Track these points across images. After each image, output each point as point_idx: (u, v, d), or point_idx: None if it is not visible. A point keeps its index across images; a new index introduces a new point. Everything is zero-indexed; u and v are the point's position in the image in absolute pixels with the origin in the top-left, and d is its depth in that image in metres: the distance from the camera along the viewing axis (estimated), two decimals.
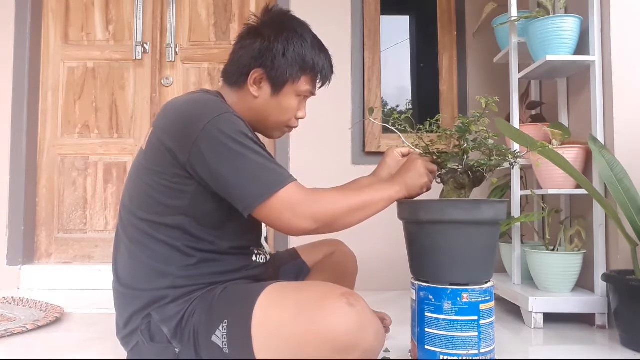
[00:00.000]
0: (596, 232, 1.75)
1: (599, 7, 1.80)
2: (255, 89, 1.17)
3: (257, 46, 1.15)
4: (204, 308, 1.03)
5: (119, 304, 1.12)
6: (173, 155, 1.03)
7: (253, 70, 1.15)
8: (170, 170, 1.04)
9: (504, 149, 1.25)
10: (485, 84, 2.53)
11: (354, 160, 2.50)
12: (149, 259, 1.06)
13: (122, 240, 1.12)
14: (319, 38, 1.23)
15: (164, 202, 1.06)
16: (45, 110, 2.59)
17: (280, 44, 1.14)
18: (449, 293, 1.13)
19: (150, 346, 1.04)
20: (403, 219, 1.27)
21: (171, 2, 2.56)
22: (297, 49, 1.15)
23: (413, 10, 2.92)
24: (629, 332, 1.50)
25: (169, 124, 1.07)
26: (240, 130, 1.03)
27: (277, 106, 1.19)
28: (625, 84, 1.74)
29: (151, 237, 1.06)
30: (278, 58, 1.14)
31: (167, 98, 2.59)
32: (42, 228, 2.55)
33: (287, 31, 1.16)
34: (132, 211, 1.10)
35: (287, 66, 1.15)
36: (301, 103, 1.22)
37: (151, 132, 1.11)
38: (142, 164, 1.10)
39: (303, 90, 1.19)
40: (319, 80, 1.22)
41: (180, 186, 1.05)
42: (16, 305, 2.00)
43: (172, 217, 1.06)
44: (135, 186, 1.11)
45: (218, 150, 1.00)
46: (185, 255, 1.07)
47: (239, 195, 1.01)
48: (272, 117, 1.20)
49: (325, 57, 1.21)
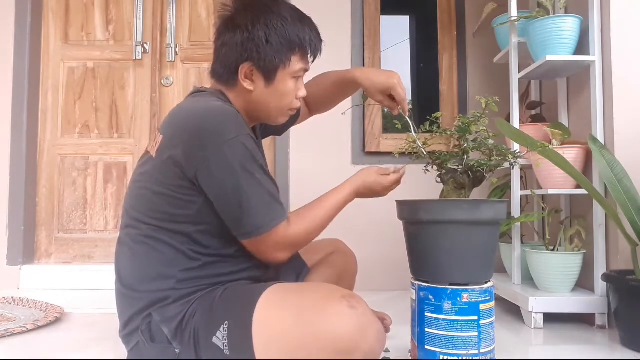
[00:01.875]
0: (596, 232, 1.75)
1: (599, 7, 1.80)
2: (248, 83, 1.13)
3: (238, 39, 1.10)
4: (204, 309, 1.02)
5: (120, 304, 1.11)
6: (180, 167, 1.02)
7: (241, 66, 1.11)
8: (178, 182, 1.03)
9: (504, 149, 1.25)
10: (485, 84, 2.53)
11: (354, 160, 2.50)
12: (153, 260, 1.06)
13: (125, 242, 1.11)
14: (297, 7, 1.17)
15: (171, 211, 1.05)
16: (45, 110, 2.58)
17: (260, 31, 1.09)
18: (449, 293, 1.13)
19: (151, 346, 1.03)
20: (403, 219, 1.27)
21: (171, 2, 2.55)
22: (279, 31, 1.10)
23: (413, 10, 2.92)
24: (629, 332, 1.50)
25: (179, 136, 1.04)
26: (252, 156, 1.03)
27: (275, 93, 1.15)
28: (625, 84, 1.74)
29: (156, 239, 1.06)
30: (262, 46, 1.10)
31: (167, 98, 2.59)
32: (42, 228, 2.55)
33: (263, 14, 1.11)
34: (136, 215, 1.08)
35: (274, 52, 1.10)
36: (298, 82, 1.19)
37: (161, 140, 1.08)
38: (150, 172, 1.08)
39: (296, 70, 1.15)
40: (309, 54, 1.18)
41: (189, 197, 1.04)
42: (16, 305, 2.00)
43: (178, 225, 1.05)
44: (140, 192, 1.09)
45: (225, 174, 1.01)
46: (189, 258, 1.06)
47: (233, 223, 1.05)
48: (272, 105, 1.17)
49: (310, 28, 1.16)
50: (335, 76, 1.43)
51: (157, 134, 1.12)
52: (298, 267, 1.41)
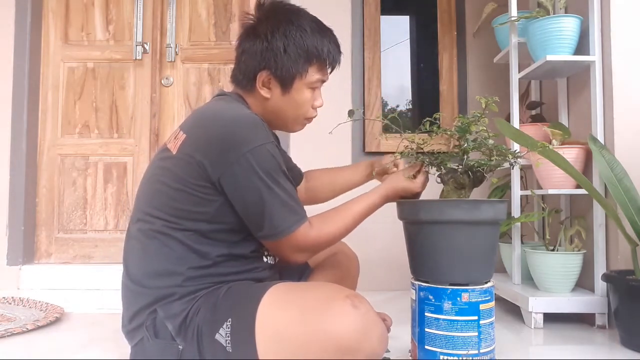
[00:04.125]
0: (596, 232, 1.75)
1: (599, 7, 1.80)
2: (265, 90, 1.17)
3: (258, 48, 1.14)
4: (208, 306, 1.03)
5: (126, 299, 1.11)
6: (204, 169, 1.04)
7: (259, 74, 1.15)
8: (200, 182, 1.04)
9: (504, 149, 1.25)
10: (485, 84, 2.53)
11: (354, 160, 2.50)
12: (163, 257, 1.06)
13: (135, 236, 1.11)
14: (318, 19, 1.19)
15: (189, 208, 1.05)
16: (45, 110, 2.58)
17: (279, 41, 1.13)
18: (449, 293, 1.13)
19: (154, 342, 1.03)
20: (403, 219, 1.27)
21: (171, 2, 2.55)
22: (297, 42, 1.13)
23: (413, 10, 2.92)
24: (629, 332, 1.50)
25: (206, 139, 1.06)
26: (277, 163, 1.06)
27: (291, 102, 1.18)
28: (625, 84, 1.74)
29: (169, 236, 1.06)
30: (280, 56, 1.13)
31: (167, 98, 2.59)
32: (42, 228, 2.55)
33: (283, 25, 1.14)
34: (150, 210, 1.09)
35: (291, 62, 1.13)
36: (315, 92, 1.21)
37: (184, 139, 1.08)
38: (170, 169, 1.08)
39: (313, 80, 1.18)
40: (327, 66, 1.20)
41: (209, 196, 1.05)
42: (16, 305, 2.00)
43: (194, 222, 1.06)
44: (157, 187, 1.09)
45: (251, 180, 1.03)
46: (200, 256, 1.06)
47: (256, 226, 1.07)
48: (288, 113, 1.20)
49: (329, 40, 1.18)
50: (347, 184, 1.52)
51: (178, 131, 1.13)
52: (301, 267, 1.41)
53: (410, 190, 1.26)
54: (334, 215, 1.17)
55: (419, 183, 1.27)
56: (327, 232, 1.14)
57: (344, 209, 1.19)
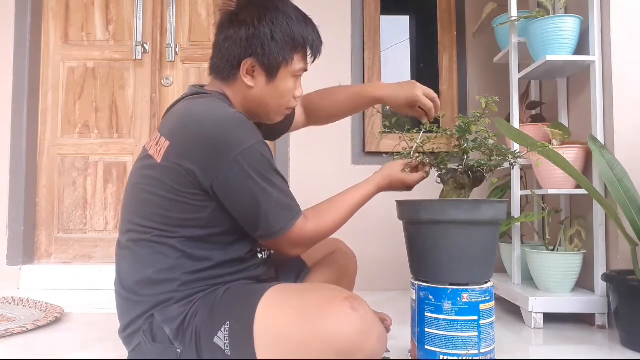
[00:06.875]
0: (596, 232, 1.75)
1: (599, 7, 1.80)
2: (249, 79, 1.13)
3: (243, 34, 1.10)
4: (206, 309, 1.02)
5: (120, 307, 1.10)
6: (194, 177, 1.01)
7: (243, 61, 1.11)
8: (190, 190, 1.02)
9: (504, 149, 1.25)
10: (485, 84, 2.53)
11: (354, 160, 2.50)
12: (156, 265, 1.04)
13: (126, 246, 1.08)
14: (299, 8, 1.18)
15: (181, 216, 1.04)
16: (45, 110, 2.58)
17: (266, 27, 1.10)
18: (449, 293, 1.13)
19: (152, 346, 1.03)
20: (403, 219, 1.27)
21: (171, 2, 2.56)
22: (284, 29, 1.11)
23: (413, 10, 2.92)
24: (629, 332, 1.50)
25: (193, 145, 1.02)
26: (268, 161, 1.05)
27: (275, 92, 1.16)
28: (625, 84, 1.74)
29: (162, 244, 1.04)
30: (267, 43, 1.10)
31: (167, 98, 2.59)
32: (42, 228, 2.55)
33: (269, 11, 1.12)
34: (140, 221, 1.06)
35: (278, 49, 1.11)
36: (296, 82, 1.19)
37: (168, 146, 1.04)
38: (156, 177, 1.05)
39: (297, 69, 1.16)
40: (310, 55, 1.18)
41: (201, 203, 1.03)
42: (16, 305, 2.00)
43: (187, 229, 1.04)
44: (144, 196, 1.06)
45: (244, 183, 1.01)
46: (195, 261, 1.05)
47: (252, 227, 1.07)
48: (271, 103, 1.18)
49: (313, 29, 1.17)
50: (350, 92, 1.44)
51: (158, 136, 1.09)
52: (298, 267, 1.40)
53: (405, 183, 1.25)
54: (329, 207, 1.16)
55: (416, 177, 1.25)
56: (323, 225, 1.13)
57: (338, 200, 1.18)
